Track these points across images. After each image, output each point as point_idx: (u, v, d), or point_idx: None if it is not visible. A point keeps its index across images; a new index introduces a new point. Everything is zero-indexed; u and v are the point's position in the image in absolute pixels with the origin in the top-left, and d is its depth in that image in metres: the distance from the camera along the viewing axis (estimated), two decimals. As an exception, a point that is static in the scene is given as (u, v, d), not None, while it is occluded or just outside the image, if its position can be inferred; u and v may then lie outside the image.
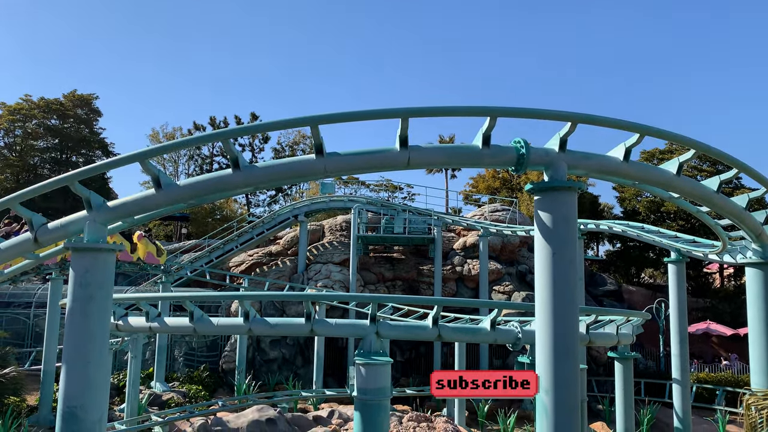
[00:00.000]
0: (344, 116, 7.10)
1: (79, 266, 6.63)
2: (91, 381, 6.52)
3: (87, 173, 7.21)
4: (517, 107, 6.89)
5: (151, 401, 18.87)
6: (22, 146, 42.22)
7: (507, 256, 27.67)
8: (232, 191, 7.52)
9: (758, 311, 10.06)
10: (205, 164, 50.99)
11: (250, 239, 28.40)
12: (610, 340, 11.50)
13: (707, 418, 20.11)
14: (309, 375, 23.13)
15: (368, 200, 30.01)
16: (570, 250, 6.58)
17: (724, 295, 33.74)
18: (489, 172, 44.12)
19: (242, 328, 10.16)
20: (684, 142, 7.55)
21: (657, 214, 34.85)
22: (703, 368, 25.25)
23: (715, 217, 10.39)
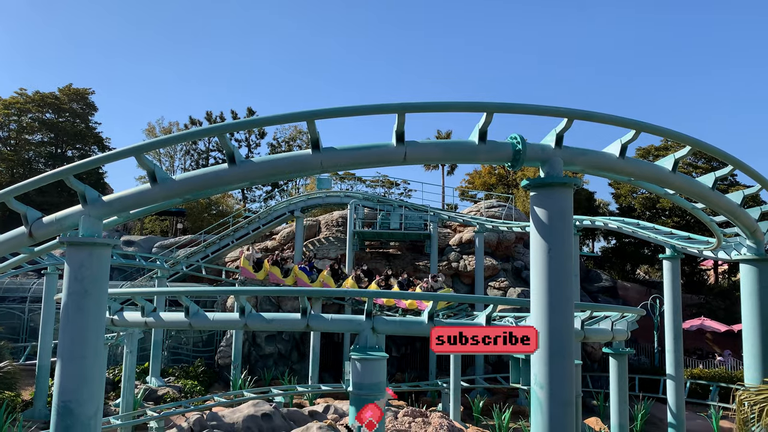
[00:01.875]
0: (341, 111, 7.10)
1: (75, 261, 6.62)
2: (86, 376, 6.52)
3: (82, 167, 7.19)
4: (513, 103, 6.90)
5: (146, 396, 18.87)
6: (16, 140, 42.00)
7: (503, 252, 27.71)
8: (227, 186, 7.52)
9: (752, 307, 10.13)
10: (201, 159, 50.83)
11: (246, 234, 28.36)
12: (604, 336, 11.54)
13: (701, 413, 20.21)
14: (305, 370, 23.15)
15: (365, 196, 29.97)
16: (566, 246, 6.61)
17: (719, 291, 33.91)
18: (485, 168, 44.10)
19: (238, 323, 10.17)
20: (680, 139, 7.57)
21: (652, 211, 34.97)
22: (697, 364, 25.38)
23: (710, 214, 10.42)
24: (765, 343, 9.92)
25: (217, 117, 50.74)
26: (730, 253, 11.65)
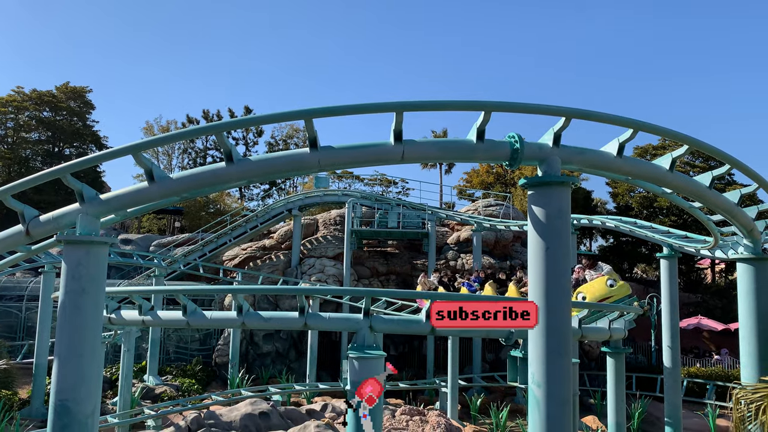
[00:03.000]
0: (338, 110, 7.08)
1: (72, 259, 6.60)
2: (83, 374, 6.50)
3: (79, 165, 7.17)
4: (511, 102, 6.89)
5: (144, 395, 18.85)
6: (14, 138, 41.88)
7: (500, 251, 27.74)
8: (225, 185, 7.49)
9: (749, 306, 10.13)
10: (199, 158, 50.78)
11: (244, 233, 28.34)
12: (602, 334, 11.55)
13: (698, 412, 20.25)
14: (302, 369, 23.15)
15: (362, 194, 29.99)
16: (563, 244, 6.60)
17: (716, 290, 34.01)
18: (483, 167, 44.13)
19: (236, 322, 10.15)
20: (677, 138, 7.57)
21: (650, 210, 35.03)
22: (694, 362, 25.44)
23: (707, 213, 10.43)
24: (761, 342, 9.94)
25: (215, 115, 50.69)
26: (727, 252, 11.66)
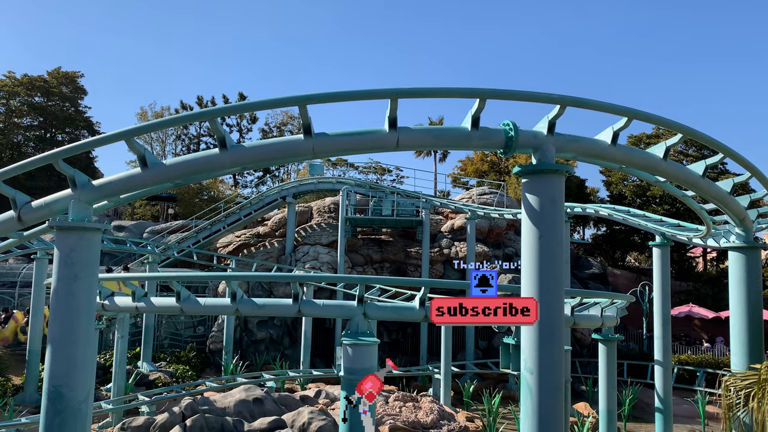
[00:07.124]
0: (333, 96, 7.06)
1: (65, 245, 6.58)
2: (77, 360, 6.51)
3: (72, 151, 7.12)
4: (506, 89, 6.88)
5: (137, 381, 18.88)
6: (5, 124, 41.47)
7: (494, 239, 27.81)
8: (219, 171, 7.47)
9: (739, 294, 10.23)
10: (193, 144, 50.50)
11: (238, 220, 28.29)
12: (594, 322, 11.64)
13: (688, 398, 20.49)
14: (296, 355, 23.22)
15: (357, 182, 29.92)
16: (557, 232, 6.63)
17: (707, 278, 34.23)
18: (477, 155, 44.10)
19: (230, 309, 10.17)
20: (671, 126, 7.59)
21: (643, 198, 35.13)
22: (684, 350, 25.69)
23: (700, 202, 10.48)
24: (751, 330, 10.05)
25: (209, 102, 50.36)
26: (719, 241, 11.74)
